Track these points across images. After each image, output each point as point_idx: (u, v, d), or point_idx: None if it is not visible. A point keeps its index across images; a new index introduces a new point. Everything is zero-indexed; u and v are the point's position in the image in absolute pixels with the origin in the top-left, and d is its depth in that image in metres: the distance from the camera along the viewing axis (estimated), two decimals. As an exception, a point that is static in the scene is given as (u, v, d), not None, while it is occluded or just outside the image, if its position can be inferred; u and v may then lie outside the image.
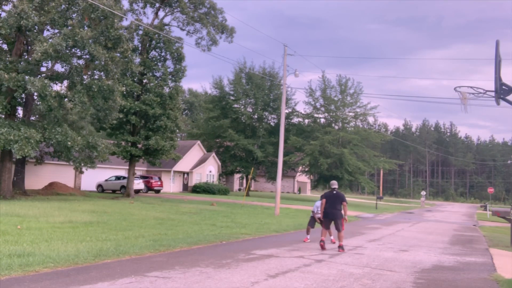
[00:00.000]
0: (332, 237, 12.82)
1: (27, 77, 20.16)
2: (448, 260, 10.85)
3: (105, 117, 25.22)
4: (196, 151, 48.65)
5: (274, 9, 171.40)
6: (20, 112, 25.14)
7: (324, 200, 11.92)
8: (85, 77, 23.27)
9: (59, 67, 24.18)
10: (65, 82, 23.97)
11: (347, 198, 12.64)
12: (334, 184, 12.23)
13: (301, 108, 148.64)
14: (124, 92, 27.15)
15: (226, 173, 53.81)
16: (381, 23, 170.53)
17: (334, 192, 11.84)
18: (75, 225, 12.93)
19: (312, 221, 13.46)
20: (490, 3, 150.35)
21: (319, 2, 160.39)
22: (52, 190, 28.65)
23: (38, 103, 22.00)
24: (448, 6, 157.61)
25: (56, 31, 23.40)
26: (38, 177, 31.87)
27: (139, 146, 30.93)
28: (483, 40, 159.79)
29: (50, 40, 21.25)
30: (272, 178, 50.53)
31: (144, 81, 30.66)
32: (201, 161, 48.46)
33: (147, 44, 30.80)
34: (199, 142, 49.74)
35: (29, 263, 7.17)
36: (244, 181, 60.56)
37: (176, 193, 42.66)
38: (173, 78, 31.36)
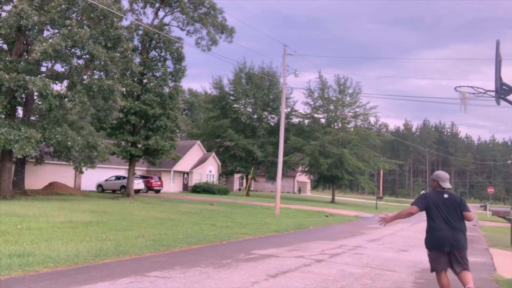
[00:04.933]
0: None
1: (27, 76, 20.14)
2: (448, 260, 10.82)
3: (105, 117, 25.21)
4: (196, 151, 48.63)
5: (271, 9, 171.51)
6: (20, 112, 25.13)
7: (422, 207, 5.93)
8: (85, 77, 23.26)
9: (59, 67, 24.21)
10: (65, 82, 23.97)
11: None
12: (444, 179, 6.03)
13: (300, 107, 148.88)
14: (124, 92, 27.18)
15: (226, 173, 53.80)
16: (379, 23, 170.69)
17: (446, 195, 5.94)
18: (75, 225, 12.93)
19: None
20: (487, 3, 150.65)
21: (316, 2, 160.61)
22: (52, 190, 28.64)
23: (39, 102, 21.98)
24: (445, 5, 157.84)
25: (56, 31, 23.40)
26: (38, 177, 31.85)
27: (139, 146, 30.93)
28: (480, 39, 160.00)
29: (50, 40, 21.24)
30: (272, 178, 50.50)
31: (144, 81, 30.67)
32: (201, 161, 48.45)
33: (147, 44, 30.80)
34: (199, 142, 49.73)
35: (29, 263, 7.16)
36: (244, 181, 60.54)
37: (176, 193, 42.65)
38: (173, 78, 31.37)
